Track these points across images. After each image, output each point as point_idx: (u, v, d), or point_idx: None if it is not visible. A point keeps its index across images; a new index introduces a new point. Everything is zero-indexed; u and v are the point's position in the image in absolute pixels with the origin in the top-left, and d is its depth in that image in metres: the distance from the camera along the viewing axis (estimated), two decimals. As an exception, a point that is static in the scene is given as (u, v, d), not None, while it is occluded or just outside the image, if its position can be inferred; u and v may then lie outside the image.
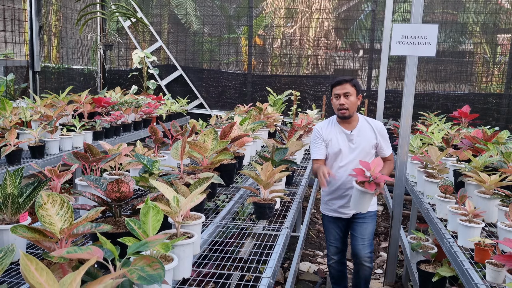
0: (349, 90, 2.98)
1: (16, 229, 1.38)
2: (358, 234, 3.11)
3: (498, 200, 2.49)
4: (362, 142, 3.06)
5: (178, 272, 1.71)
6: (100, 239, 1.29)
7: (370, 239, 3.12)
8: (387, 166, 3.06)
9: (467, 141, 3.73)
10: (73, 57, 8.10)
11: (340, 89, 2.99)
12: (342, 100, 2.98)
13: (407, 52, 3.36)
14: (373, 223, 3.16)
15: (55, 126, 3.69)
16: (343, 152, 3.06)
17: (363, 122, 3.11)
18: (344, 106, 2.99)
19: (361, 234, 3.10)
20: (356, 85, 3.03)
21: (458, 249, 2.24)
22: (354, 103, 3.02)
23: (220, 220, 2.57)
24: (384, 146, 3.10)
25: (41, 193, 1.47)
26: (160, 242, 1.36)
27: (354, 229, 3.15)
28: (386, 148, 3.12)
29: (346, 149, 3.07)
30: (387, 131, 3.21)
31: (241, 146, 3.50)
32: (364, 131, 3.08)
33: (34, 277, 1.01)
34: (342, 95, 2.99)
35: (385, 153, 3.12)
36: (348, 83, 3.00)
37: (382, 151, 3.11)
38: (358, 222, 3.14)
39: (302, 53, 8.60)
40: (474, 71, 7.97)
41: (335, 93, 3.03)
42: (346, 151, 3.07)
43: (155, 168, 2.27)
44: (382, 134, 3.09)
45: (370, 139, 3.06)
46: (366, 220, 3.14)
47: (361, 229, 3.11)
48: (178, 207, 1.77)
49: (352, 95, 3.00)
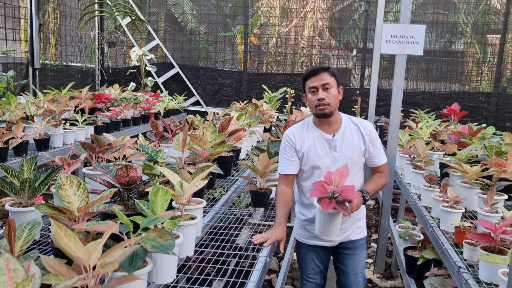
0: (328, 81, 2.31)
1: (39, 207, 1.53)
2: (349, 270, 2.50)
3: (478, 189, 2.67)
4: (348, 150, 2.36)
5: (182, 250, 1.87)
6: (117, 213, 1.45)
7: (363, 273, 2.57)
8: (375, 180, 2.42)
9: (454, 137, 3.92)
10: (72, 55, 8.22)
11: (317, 80, 2.32)
12: (320, 93, 2.30)
13: (396, 51, 3.53)
14: (364, 252, 2.56)
15: (59, 120, 3.84)
16: (324, 164, 2.37)
17: (347, 123, 2.42)
18: (324, 101, 2.29)
19: (353, 270, 2.50)
20: (335, 75, 2.36)
21: (440, 232, 2.42)
22: (335, 96, 2.34)
23: (219, 208, 2.73)
24: (375, 152, 2.41)
25: (60, 175, 1.62)
26: (169, 217, 1.52)
27: (344, 262, 2.53)
28: (378, 156, 2.42)
29: (328, 160, 2.37)
30: (378, 129, 2.66)
31: (238, 140, 3.67)
32: (349, 135, 2.38)
33: (64, 241, 1.17)
34: (320, 88, 2.31)
35: (377, 161, 2.42)
36: (326, 72, 2.33)
37: (372, 159, 2.42)
38: (348, 254, 2.50)
39: (296, 52, 8.77)
40: (464, 70, 8.18)
41: (310, 86, 2.34)
42: (328, 163, 2.36)
43: (159, 157, 2.43)
44: (372, 138, 2.40)
45: (357, 144, 2.37)
46: (358, 250, 2.52)
47: (352, 263, 2.50)
48: (183, 191, 1.93)
49: (332, 87, 2.32)
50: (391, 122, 3.68)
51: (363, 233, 2.55)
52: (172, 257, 1.60)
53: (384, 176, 2.45)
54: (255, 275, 1.90)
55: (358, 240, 2.51)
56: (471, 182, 2.74)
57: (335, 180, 2.07)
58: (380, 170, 2.45)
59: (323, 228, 2.12)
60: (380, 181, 2.43)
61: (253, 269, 1.97)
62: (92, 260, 1.18)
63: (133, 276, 1.26)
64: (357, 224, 2.51)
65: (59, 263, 1.17)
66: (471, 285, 1.79)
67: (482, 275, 1.83)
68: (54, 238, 1.18)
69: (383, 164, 2.44)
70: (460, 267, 1.96)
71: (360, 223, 2.53)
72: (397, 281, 3.82)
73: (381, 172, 2.45)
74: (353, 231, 2.50)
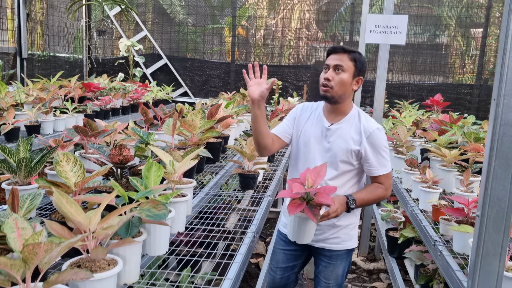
0: (343, 63, 2.04)
1: (38, 181, 1.61)
2: (322, 278, 2.27)
3: (456, 171, 2.81)
4: (338, 146, 2.11)
5: (174, 225, 1.96)
6: (113, 185, 1.54)
7: (338, 284, 2.27)
8: (370, 189, 2.12)
9: (436, 125, 4.06)
10: (59, 45, 8.21)
11: (333, 58, 2.08)
12: (328, 73, 2.07)
13: (379, 41, 3.65)
14: (343, 264, 2.26)
15: (49, 107, 3.89)
16: (309, 151, 2.17)
17: (353, 117, 2.16)
18: (329, 82, 2.06)
19: (325, 279, 2.25)
20: (356, 61, 2.06)
21: (419, 211, 2.54)
22: (345, 83, 2.06)
23: (208, 190, 2.83)
24: (374, 160, 2.09)
25: (58, 152, 1.70)
26: (163, 189, 1.62)
27: (318, 267, 2.30)
28: (377, 164, 2.10)
29: (317, 149, 2.16)
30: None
31: (226, 127, 3.76)
32: (345, 130, 2.13)
33: (66, 207, 1.26)
34: (331, 67, 2.07)
35: (374, 171, 2.11)
36: (346, 54, 2.06)
37: (369, 167, 2.11)
38: (323, 261, 2.26)
39: (284, 43, 8.87)
40: (448, 63, 8.36)
41: (326, 63, 2.12)
42: (315, 152, 2.16)
43: (150, 139, 2.52)
44: (373, 142, 2.08)
45: (349, 142, 2.10)
46: (334, 261, 2.24)
47: (325, 272, 2.25)
48: (174, 170, 2.02)
49: (345, 72, 2.05)
50: (375, 109, 3.81)
51: (342, 245, 2.22)
52: (165, 229, 1.69)
53: (383, 187, 2.12)
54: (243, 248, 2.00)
55: (336, 251, 2.22)
56: (449, 165, 2.88)
57: (309, 180, 1.84)
58: (379, 180, 2.13)
59: (294, 232, 1.93)
60: (376, 192, 2.11)
61: (241, 243, 2.07)
62: (92, 224, 1.27)
63: (130, 239, 1.35)
64: (334, 232, 2.20)
65: (61, 227, 1.25)
66: (445, 256, 1.92)
67: (455, 246, 1.95)
68: (56, 204, 1.26)
69: (382, 174, 2.11)
70: (436, 240, 2.09)
71: (339, 233, 2.20)
72: (380, 263, 3.96)
73: (381, 183, 2.13)
74: (326, 239, 2.22)
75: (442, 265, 1.92)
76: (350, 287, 3.69)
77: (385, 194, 2.14)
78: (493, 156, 1.21)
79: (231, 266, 1.80)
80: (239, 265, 1.81)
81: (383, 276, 3.77)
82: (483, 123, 4.04)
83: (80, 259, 1.31)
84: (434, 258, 2.08)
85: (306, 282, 3.69)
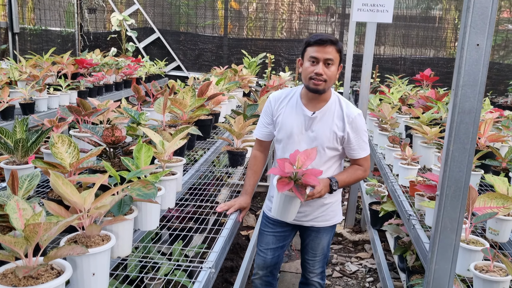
0: (333, 57, 2.09)
1: (35, 161, 1.72)
2: (308, 249, 2.45)
3: (435, 148, 2.94)
4: (323, 133, 2.19)
5: (164, 201, 2.09)
6: (106, 167, 1.65)
7: (324, 254, 2.46)
8: (351, 171, 2.26)
9: (422, 101, 4.17)
10: (51, 19, 8.17)
11: (321, 51, 2.08)
12: (320, 68, 2.08)
13: (367, 19, 3.72)
14: (328, 235, 2.44)
15: (43, 85, 3.96)
16: (295, 141, 2.23)
17: (334, 103, 2.23)
18: (322, 76, 2.09)
19: (312, 249, 2.43)
20: (341, 51, 2.14)
21: (398, 187, 2.68)
22: (334, 75, 2.13)
23: (199, 167, 2.95)
24: (355, 144, 2.21)
25: (53, 134, 1.80)
26: (152, 169, 1.73)
27: (304, 239, 2.47)
28: (358, 148, 2.22)
29: (302, 138, 2.23)
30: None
31: (217, 104, 3.86)
32: (329, 117, 2.20)
33: (62, 188, 1.37)
34: (322, 61, 2.09)
35: (355, 154, 2.23)
36: (334, 46, 2.10)
37: (350, 150, 2.23)
38: (310, 235, 2.42)
39: (277, 17, 8.86)
40: (440, 36, 8.41)
41: (311, 55, 2.10)
42: (301, 142, 2.22)
43: (142, 119, 2.62)
44: (355, 127, 2.19)
45: (333, 129, 2.18)
46: (320, 234, 2.41)
47: (313, 244, 2.43)
48: (164, 149, 2.14)
49: (334, 64, 2.11)
50: (362, 86, 3.91)
51: (329, 221, 2.37)
52: (155, 206, 1.82)
53: (362, 169, 2.27)
54: (229, 223, 2.14)
55: (323, 227, 2.38)
56: (430, 142, 3.00)
57: (298, 161, 1.93)
58: (359, 163, 2.26)
59: (278, 209, 2.04)
60: (356, 173, 2.26)
61: (227, 218, 2.21)
62: (87, 204, 1.39)
63: (122, 217, 1.47)
64: (322, 210, 2.34)
65: (58, 206, 1.37)
66: (417, 229, 2.06)
67: (427, 220, 2.10)
68: (54, 185, 1.38)
69: (362, 157, 2.24)
70: (411, 215, 2.23)
71: (326, 211, 2.35)
72: (365, 234, 4.14)
73: (360, 165, 2.27)
74: (315, 218, 2.35)
75: (414, 237, 2.06)
76: (336, 257, 3.87)
77: (364, 175, 2.30)
78: (451, 141, 1.33)
79: (217, 240, 1.94)
80: (225, 239, 1.95)
81: (367, 246, 3.96)
82: (467, 100, 4.14)
83: (77, 235, 1.43)
84: (408, 231, 2.23)
85: (294, 253, 3.87)
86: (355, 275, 3.52)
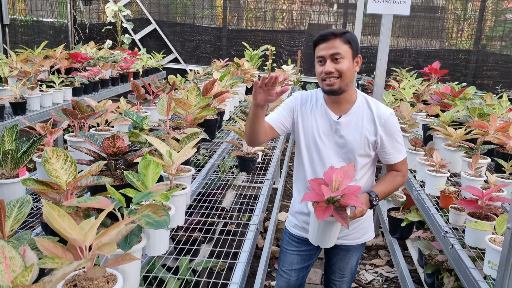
0: (339, 50, 1.85)
1: (26, 182, 1.48)
2: (336, 268, 2.19)
3: (462, 152, 2.71)
4: (352, 138, 1.93)
5: (173, 220, 1.86)
6: (109, 190, 1.41)
7: (352, 273, 2.22)
8: (389, 179, 1.99)
9: (436, 97, 3.94)
10: (42, 10, 7.84)
11: (325, 48, 1.87)
12: (328, 65, 1.86)
13: (382, 11, 3.47)
14: (358, 253, 2.17)
15: (35, 82, 3.69)
16: (321, 149, 1.97)
17: (361, 104, 1.97)
18: (332, 74, 1.85)
19: (339, 269, 2.19)
20: (351, 41, 1.87)
21: (425, 196, 2.46)
22: (348, 69, 1.87)
23: (205, 173, 2.72)
24: (390, 147, 1.95)
25: (46, 148, 1.56)
26: (163, 191, 1.50)
27: (331, 258, 2.20)
28: (393, 151, 1.96)
29: (329, 145, 1.97)
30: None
31: (222, 102, 3.61)
32: (358, 120, 1.94)
33: (58, 223, 1.13)
34: (328, 58, 1.86)
35: (391, 158, 1.97)
36: (338, 38, 1.86)
37: (385, 155, 1.97)
38: (339, 255, 2.15)
39: (277, 7, 8.57)
40: (445, 27, 8.16)
41: (317, 55, 1.90)
42: (328, 150, 1.97)
43: (144, 124, 2.37)
44: (388, 129, 1.93)
45: (364, 134, 1.93)
46: (350, 253, 2.13)
47: (341, 264, 2.17)
48: (172, 161, 1.90)
49: (344, 58, 1.86)
50: (376, 83, 3.67)
51: (361, 239, 2.10)
52: (165, 231, 1.58)
53: (401, 175, 2.00)
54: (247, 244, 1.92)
55: (353, 246, 2.11)
56: (455, 145, 2.78)
57: (336, 181, 1.71)
58: (396, 168, 2.00)
59: (318, 236, 1.79)
60: (395, 181, 1.98)
61: (245, 238, 1.98)
62: (88, 240, 1.15)
63: (131, 256, 1.24)
64: (353, 228, 2.06)
65: (53, 244, 1.14)
66: (457, 250, 1.84)
67: (468, 239, 1.88)
68: (48, 219, 1.14)
69: (399, 161, 1.98)
70: (446, 231, 2.01)
71: (357, 228, 2.08)
72: (378, 239, 3.93)
73: (398, 171, 2.00)
74: (345, 236, 2.07)
75: (454, 259, 1.85)
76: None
77: (403, 181, 2.02)
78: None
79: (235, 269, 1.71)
80: (244, 265, 1.72)
81: (382, 252, 3.75)
82: (486, 96, 3.92)
83: (76, 276, 1.20)
84: (444, 249, 2.01)
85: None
86: (371, 284, 3.32)
